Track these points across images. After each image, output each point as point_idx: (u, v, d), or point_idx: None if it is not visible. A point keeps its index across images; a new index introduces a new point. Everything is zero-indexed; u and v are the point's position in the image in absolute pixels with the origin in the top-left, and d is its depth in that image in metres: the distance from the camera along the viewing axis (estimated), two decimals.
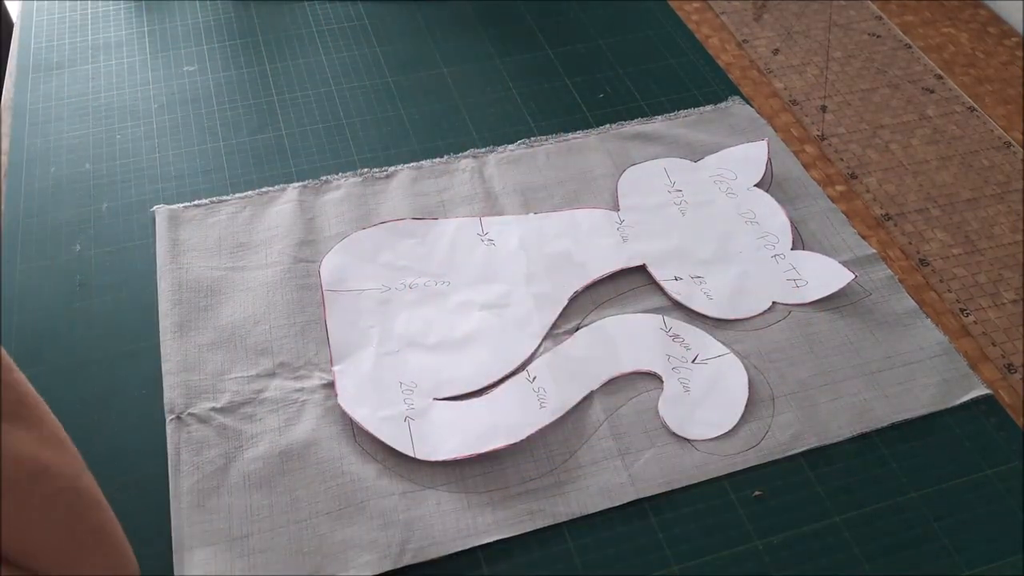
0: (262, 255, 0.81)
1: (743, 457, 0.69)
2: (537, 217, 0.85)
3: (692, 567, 0.64)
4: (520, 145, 0.92)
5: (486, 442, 0.69)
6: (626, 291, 0.80)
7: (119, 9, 1.09)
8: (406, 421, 0.70)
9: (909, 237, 0.85)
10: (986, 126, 0.96)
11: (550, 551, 0.65)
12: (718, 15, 1.11)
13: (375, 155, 0.91)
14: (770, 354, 0.75)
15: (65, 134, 0.93)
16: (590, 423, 0.71)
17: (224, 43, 1.05)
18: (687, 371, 0.74)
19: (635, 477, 0.68)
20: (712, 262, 0.82)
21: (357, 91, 0.99)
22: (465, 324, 0.77)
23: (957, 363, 0.75)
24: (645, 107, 0.97)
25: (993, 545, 0.65)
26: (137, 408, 0.72)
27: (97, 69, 1.01)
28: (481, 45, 1.06)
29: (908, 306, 0.79)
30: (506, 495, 0.67)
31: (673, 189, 0.88)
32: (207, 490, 0.67)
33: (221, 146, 0.92)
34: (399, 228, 0.84)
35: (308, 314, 0.77)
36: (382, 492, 0.67)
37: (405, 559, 0.63)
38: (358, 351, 0.75)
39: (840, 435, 0.70)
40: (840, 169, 0.91)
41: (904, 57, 1.05)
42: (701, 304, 0.78)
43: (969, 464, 0.70)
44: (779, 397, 0.73)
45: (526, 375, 0.73)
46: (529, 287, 0.79)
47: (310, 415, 0.71)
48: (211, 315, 0.77)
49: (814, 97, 0.99)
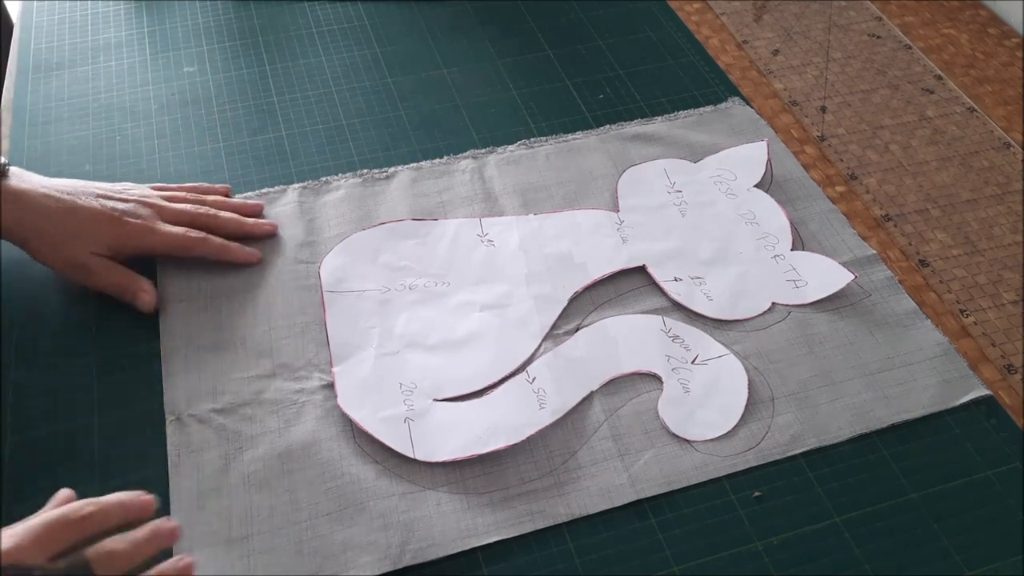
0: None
1: (743, 458, 0.69)
2: (537, 218, 0.85)
3: (692, 567, 0.64)
4: (520, 146, 0.92)
5: (486, 443, 0.69)
6: (626, 292, 0.80)
7: (119, 10, 1.09)
8: (406, 422, 0.70)
9: (909, 238, 0.85)
10: (986, 127, 0.96)
11: (550, 551, 0.65)
12: (718, 16, 1.11)
13: (375, 156, 0.91)
14: (770, 355, 0.75)
15: (65, 135, 0.93)
16: (590, 424, 0.71)
17: (224, 43, 1.05)
18: (687, 372, 0.74)
19: (635, 478, 0.68)
20: (712, 263, 0.82)
21: (357, 92, 0.99)
22: (465, 325, 0.77)
23: (957, 364, 0.75)
24: (645, 108, 0.97)
25: (993, 546, 0.65)
26: (138, 409, 0.72)
27: (97, 70, 1.01)
28: (481, 45, 1.06)
29: (908, 307, 0.79)
30: (506, 496, 0.67)
31: (673, 190, 0.88)
32: (207, 491, 0.67)
33: (221, 147, 0.92)
34: (399, 229, 0.84)
35: (308, 315, 0.77)
36: (382, 493, 0.67)
37: (405, 560, 0.63)
38: (358, 352, 0.75)
39: (840, 436, 0.70)
40: (840, 170, 0.91)
41: (904, 58, 1.05)
42: (701, 305, 0.78)
43: (969, 465, 0.70)
44: (779, 398, 0.73)
45: (526, 376, 0.73)
46: (529, 288, 0.79)
47: (310, 416, 0.71)
48: (211, 316, 0.77)
49: (814, 98, 0.99)
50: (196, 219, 0.79)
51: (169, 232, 0.77)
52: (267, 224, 0.82)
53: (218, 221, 0.80)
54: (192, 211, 0.79)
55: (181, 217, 0.79)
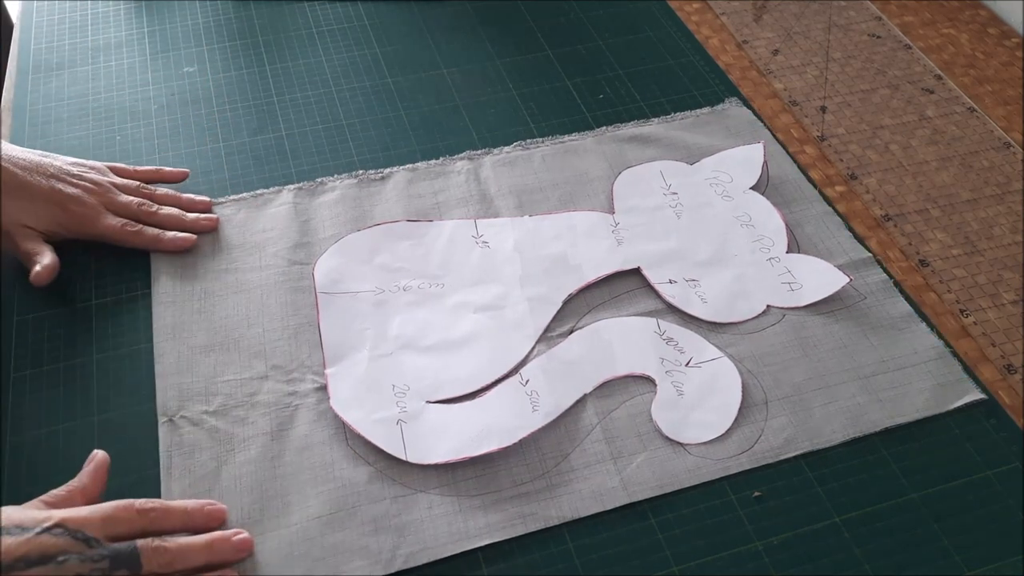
0: (256, 257, 0.82)
1: (736, 461, 0.69)
2: (532, 219, 0.85)
3: (692, 567, 0.64)
4: (516, 147, 0.92)
5: (479, 445, 0.69)
6: (621, 294, 0.80)
7: (119, 10, 1.09)
8: (398, 424, 0.70)
9: (909, 238, 0.85)
10: (986, 126, 0.95)
11: (550, 551, 0.65)
12: (718, 16, 1.11)
13: (375, 156, 0.91)
14: (764, 358, 0.75)
15: (65, 135, 0.93)
16: (583, 426, 0.71)
17: (224, 43, 1.05)
18: (681, 374, 0.74)
19: (627, 481, 0.68)
20: (707, 265, 0.82)
21: (357, 92, 0.99)
22: (459, 327, 0.77)
23: (952, 367, 0.75)
24: (645, 108, 0.97)
25: (993, 546, 0.65)
26: (130, 410, 0.72)
27: (97, 70, 1.01)
28: (481, 45, 1.06)
29: (903, 310, 0.78)
30: (498, 499, 0.67)
31: (669, 192, 0.88)
32: (198, 493, 0.67)
33: (221, 147, 0.92)
34: (394, 230, 0.84)
35: (302, 316, 0.77)
36: (374, 497, 0.67)
37: (396, 564, 0.63)
38: (351, 354, 0.75)
39: (833, 439, 0.70)
40: (840, 170, 0.91)
41: (904, 58, 1.04)
42: (695, 307, 0.78)
43: (969, 465, 0.69)
44: (773, 401, 0.72)
45: (519, 378, 0.73)
46: (524, 290, 0.79)
47: (303, 419, 0.71)
48: (205, 317, 0.77)
49: (814, 98, 0.99)
50: (138, 214, 0.82)
51: (107, 224, 0.81)
52: (205, 220, 0.84)
53: (157, 217, 0.83)
54: (135, 207, 0.82)
55: (124, 210, 0.82)
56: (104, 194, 0.82)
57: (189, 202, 0.85)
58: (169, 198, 0.85)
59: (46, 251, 0.78)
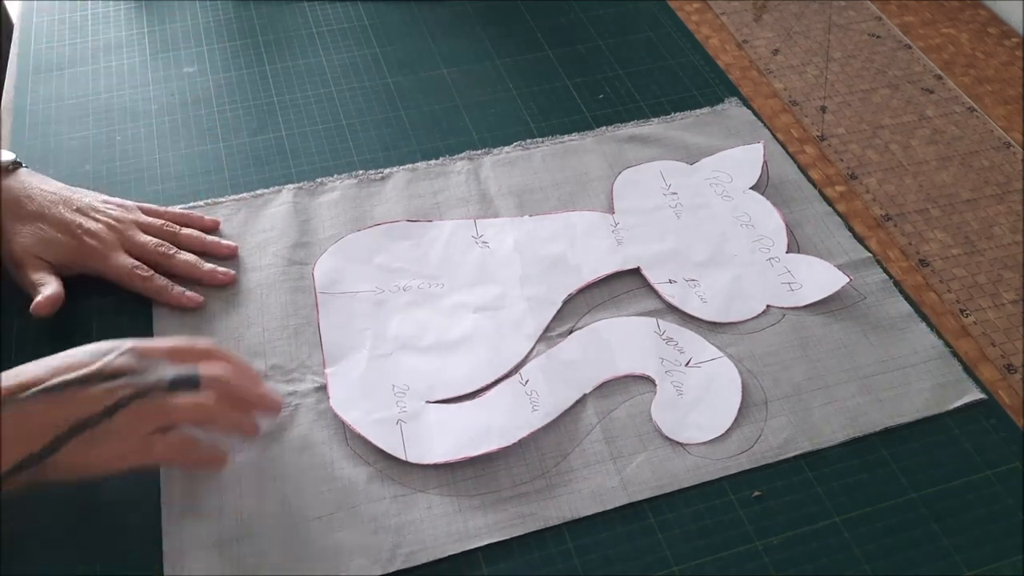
0: (256, 257, 0.82)
1: (736, 461, 0.69)
2: (532, 219, 0.85)
3: (692, 567, 0.64)
4: (516, 147, 0.92)
5: (478, 445, 0.69)
6: (620, 294, 0.80)
7: (119, 10, 1.09)
8: (398, 424, 0.70)
9: (909, 237, 0.85)
10: (986, 126, 0.95)
11: (549, 551, 0.65)
12: (718, 15, 1.11)
13: (375, 156, 0.91)
14: (764, 358, 0.75)
15: (65, 135, 0.93)
16: (583, 426, 0.71)
17: (224, 44, 1.05)
18: (680, 374, 0.74)
19: (627, 481, 0.68)
20: (707, 265, 0.82)
21: (357, 92, 0.99)
22: (459, 327, 0.77)
23: (951, 367, 0.75)
24: (645, 108, 0.97)
25: (993, 546, 0.65)
26: None
27: (97, 70, 1.01)
28: (481, 45, 1.06)
29: (903, 310, 0.78)
30: (497, 499, 0.67)
31: (668, 192, 0.88)
32: (198, 493, 0.67)
33: (221, 147, 0.92)
34: (394, 230, 0.84)
35: (301, 316, 0.77)
36: (373, 496, 0.67)
37: (396, 564, 0.63)
38: (351, 354, 0.75)
39: (833, 439, 0.70)
40: (840, 170, 0.91)
41: (904, 57, 1.04)
42: (695, 307, 0.78)
43: (969, 465, 0.69)
44: (772, 401, 0.72)
45: (519, 378, 0.73)
46: (523, 290, 0.79)
47: (302, 419, 0.71)
48: (204, 317, 0.77)
49: (814, 97, 0.99)
50: (154, 255, 0.80)
51: (118, 263, 0.78)
52: (221, 273, 0.80)
53: (172, 262, 0.80)
54: (152, 247, 0.80)
55: (140, 249, 0.80)
56: (124, 231, 0.80)
57: (214, 245, 0.82)
58: (193, 241, 0.82)
59: (52, 281, 0.77)
